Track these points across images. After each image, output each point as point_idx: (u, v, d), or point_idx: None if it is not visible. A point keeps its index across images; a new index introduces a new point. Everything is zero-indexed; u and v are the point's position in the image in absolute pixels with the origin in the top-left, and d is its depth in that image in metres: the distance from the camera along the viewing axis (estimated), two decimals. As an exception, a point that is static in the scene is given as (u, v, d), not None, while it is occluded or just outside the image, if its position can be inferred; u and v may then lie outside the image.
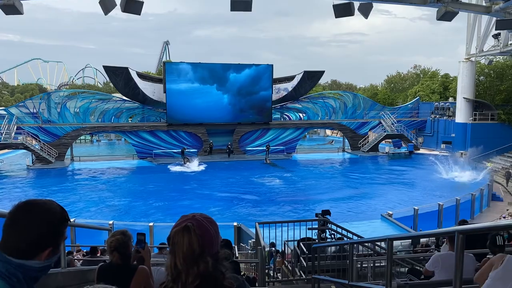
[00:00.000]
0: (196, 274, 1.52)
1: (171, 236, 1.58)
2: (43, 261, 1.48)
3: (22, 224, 1.45)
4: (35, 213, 1.47)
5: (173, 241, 1.56)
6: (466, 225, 4.74)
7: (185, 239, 1.54)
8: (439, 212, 19.41)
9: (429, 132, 46.49)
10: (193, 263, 1.53)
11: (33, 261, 1.45)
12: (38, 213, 1.47)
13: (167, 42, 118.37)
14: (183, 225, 1.57)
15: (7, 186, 28.96)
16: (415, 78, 69.69)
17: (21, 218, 1.46)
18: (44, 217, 1.48)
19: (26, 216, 1.46)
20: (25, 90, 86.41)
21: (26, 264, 1.44)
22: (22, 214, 1.46)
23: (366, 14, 10.95)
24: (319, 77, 44.90)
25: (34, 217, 1.46)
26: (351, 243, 5.97)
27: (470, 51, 40.79)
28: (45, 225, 1.47)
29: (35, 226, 1.45)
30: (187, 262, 1.52)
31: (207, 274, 1.53)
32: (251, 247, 13.59)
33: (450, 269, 4.16)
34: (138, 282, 3.12)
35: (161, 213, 22.36)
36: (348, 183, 30.53)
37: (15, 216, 1.46)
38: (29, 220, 1.45)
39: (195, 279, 1.52)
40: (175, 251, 1.54)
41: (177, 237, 1.55)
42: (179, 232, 1.56)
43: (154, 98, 39.37)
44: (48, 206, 1.51)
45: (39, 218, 1.47)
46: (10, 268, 1.40)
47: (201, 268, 1.53)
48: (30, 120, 37.28)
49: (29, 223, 1.45)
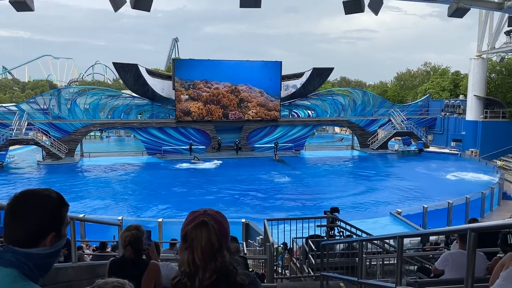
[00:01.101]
0: (213, 269, 1.52)
1: (188, 231, 1.57)
2: (49, 247, 1.49)
3: (21, 214, 1.47)
4: (32, 202, 1.49)
5: (190, 236, 1.55)
6: (478, 223, 4.70)
7: (203, 234, 1.54)
8: (448, 210, 19.26)
9: (439, 130, 46.11)
10: (212, 258, 1.52)
11: (39, 248, 1.47)
12: (35, 202, 1.49)
13: (176, 39, 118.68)
14: (200, 219, 1.57)
15: (18, 182, 29.29)
16: (425, 75, 69.18)
17: (20, 208, 1.48)
18: (41, 204, 1.49)
19: (24, 206, 1.48)
20: (35, 86, 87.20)
21: (33, 252, 1.46)
22: (20, 204, 1.49)
23: (377, 10, 10.86)
24: (328, 74, 44.74)
25: (31, 206, 1.48)
26: (360, 241, 5.95)
27: (481, 48, 40.34)
28: (43, 212, 1.48)
29: (34, 215, 1.47)
30: (206, 257, 1.52)
31: (223, 269, 1.54)
32: (259, 244, 13.60)
33: (460, 267, 4.13)
34: (149, 277, 3.15)
35: (170, 209, 22.47)
36: (357, 181, 30.40)
37: (13, 207, 1.49)
38: (27, 210, 1.47)
39: (212, 275, 1.51)
40: (193, 246, 1.53)
41: (195, 232, 1.55)
42: (197, 227, 1.56)
43: (163, 95, 39.54)
44: (44, 193, 1.53)
45: (36, 206, 1.48)
46: (19, 257, 1.43)
47: (219, 263, 1.53)
48: (41, 116, 37.61)
49: (27, 212, 1.47)
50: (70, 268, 5.08)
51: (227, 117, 40.55)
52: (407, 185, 28.95)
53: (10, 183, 28.86)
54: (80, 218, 8.11)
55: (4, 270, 1.41)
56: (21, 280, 1.40)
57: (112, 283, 2.27)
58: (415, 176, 31.94)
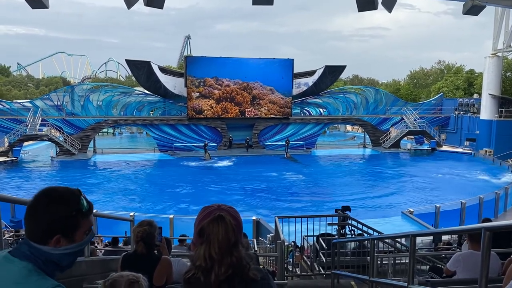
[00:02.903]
0: (229, 264, 1.53)
1: (205, 226, 1.58)
2: (54, 248, 1.49)
3: (38, 209, 1.49)
4: (49, 200, 1.50)
5: (207, 231, 1.56)
6: (493, 222, 4.64)
7: (220, 229, 1.55)
8: (461, 210, 19.02)
9: (453, 129, 45.57)
10: (228, 252, 1.54)
11: (46, 246, 1.49)
12: (52, 201, 1.50)
13: (189, 37, 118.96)
14: (216, 214, 1.58)
15: (32, 177, 29.72)
16: (439, 73, 68.43)
17: (39, 204, 1.50)
18: (56, 205, 1.50)
19: (42, 202, 1.51)
20: (49, 83, 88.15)
21: (42, 249, 1.48)
22: (40, 200, 1.51)
23: (390, 8, 10.74)
24: (340, 71, 44.49)
25: (48, 204, 1.50)
26: (372, 239, 5.92)
27: (497, 46, 39.77)
28: (55, 213, 1.49)
29: (47, 213, 1.49)
30: (223, 252, 1.53)
31: (238, 264, 1.54)
32: (269, 241, 13.61)
33: (472, 268, 4.09)
34: (161, 272, 3.19)
35: (181, 205, 22.59)
36: (369, 180, 30.22)
37: (34, 202, 1.51)
38: (43, 207, 1.49)
39: (228, 269, 1.52)
40: (210, 241, 1.54)
41: (212, 227, 1.56)
42: (214, 222, 1.56)
43: (175, 92, 39.70)
44: (65, 195, 1.53)
45: (51, 206, 1.49)
46: (33, 251, 1.46)
47: (234, 258, 1.54)
48: (54, 112, 38.05)
49: (43, 209, 1.49)
50: (84, 262, 5.14)
51: (244, 114, 40.55)
52: (419, 184, 28.70)
53: (24, 178, 29.28)
54: (93, 213, 8.17)
55: (20, 263, 1.43)
56: (35, 274, 1.42)
57: (127, 277, 2.29)
58: (427, 175, 31.62)
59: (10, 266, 1.43)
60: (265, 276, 1.65)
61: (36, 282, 1.41)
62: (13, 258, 1.45)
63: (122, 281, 2.27)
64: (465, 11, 10.94)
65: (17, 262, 1.43)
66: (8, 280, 1.39)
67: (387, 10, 11.32)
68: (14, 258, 1.45)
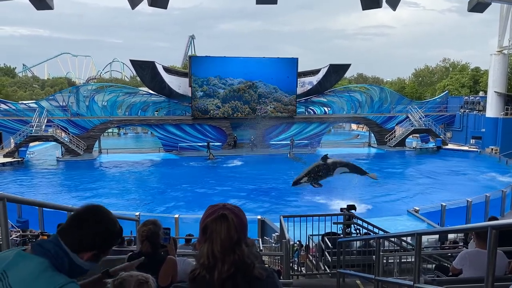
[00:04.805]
0: (232, 262, 1.54)
1: (207, 224, 1.59)
2: (83, 261, 1.66)
3: (87, 223, 1.65)
4: (100, 220, 1.68)
5: (210, 229, 1.58)
6: (499, 220, 4.62)
7: (223, 227, 1.56)
8: (467, 208, 18.91)
9: (458, 127, 45.35)
10: (230, 250, 1.55)
11: (76, 255, 1.64)
12: (102, 221, 1.68)
13: (193, 36, 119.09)
14: (220, 213, 1.59)
15: (38, 177, 29.87)
16: (444, 71, 68.16)
17: (89, 219, 1.67)
18: (106, 227, 1.68)
19: (93, 219, 1.67)
20: (54, 83, 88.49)
21: (70, 255, 1.63)
22: (93, 216, 1.68)
23: (394, 6, 10.69)
24: (345, 70, 44.38)
25: (99, 223, 1.67)
26: (378, 238, 5.90)
27: (502, 43, 39.54)
28: (102, 233, 1.67)
29: (95, 230, 1.65)
30: (225, 249, 1.54)
31: (241, 262, 1.55)
32: (275, 241, 13.61)
33: (478, 266, 4.07)
34: (166, 272, 3.20)
35: (186, 205, 22.61)
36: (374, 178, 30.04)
37: (84, 215, 1.69)
38: (93, 223, 1.66)
39: (231, 267, 1.53)
40: (212, 239, 1.56)
41: (215, 225, 1.57)
42: (217, 220, 1.58)
43: (180, 92, 39.76)
44: (114, 220, 1.73)
45: (102, 226, 1.67)
46: (59, 251, 1.60)
47: (237, 256, 1.55)
48: (60, 113, 38.23)
49: (92, 226, 1.66)
50: (89, 262, 5.16)
51: (255, 111, 40.52)
52: (425, 182, 28.58)
53: (30, 179, 29.44)
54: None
55: (36, 259, 1.56)
56: (50, 270, 1.55)
57: (136, 277, 2.29)
58: (433, 174, 31.48)
59: (26, 261, 1.55)
60: (270, 275, 1.65)
61: (51, 277, 1.52)
62: (30, 255, 1.58)
63: (131, 281, 2.28)
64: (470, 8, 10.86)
65: (34, 258, 1.56)
66: (25, 274, 1.51)
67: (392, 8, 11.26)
68: (32, 254, 1.58)
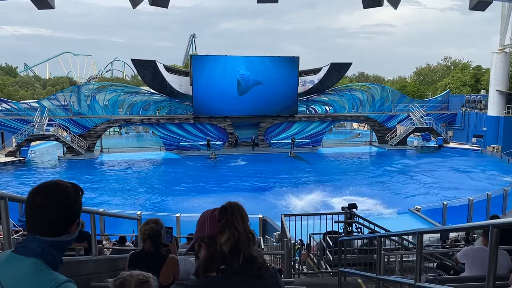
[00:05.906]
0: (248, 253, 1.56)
1: (225, 206, 1.61)
2: (73, 234, 1.58)
3: (44, 205, 1.51)
4: (53, 193, 1.54)
5: (229, 211, 1.59)
6: (501, 219, 4.61)
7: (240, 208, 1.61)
8: (469, 207, 18.90)
9: (460, 125, 45.29)
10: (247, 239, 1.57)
11: (66, 235, 1.55)
12: (57, 192, 1.55)
13: (194, 35, 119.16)
14: (226, 203, 1.63)
15: (40, 177, 29.87)
16: (446, 70, 68.03)
17: (43, 200, 1.52)
18: (63, 194, 1.55)
19: (47, 197, 1.53)
20: (56, 83, 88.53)
21: (63, 240, 1.55)
22: (42, 196, 1.53)
23: (396, 4, 10.67)
24: (346, 69, 44.33)
25: (55, 197, 1.53)
26: (379, 237, 5.90)
27: (504, 41, 39.46)
28: (67, 201, 1.55)
29: (59, 205, 1.52)
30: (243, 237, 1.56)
31: (251, 255, 1.56)
32: (276, 239, 13.61)
33: (481, 264, 4.07)
34: (168, 271, 3.20)
35: (187, 204, 22.61)
36: (375, 177, 30.10)
37: (36, 199, 1.52)
38: (51, 200, 1.52)
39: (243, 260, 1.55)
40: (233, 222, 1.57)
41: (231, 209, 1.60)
42: (232, 205, 1.61)
43: (181, 91, 39.78)
44: (61, 184, 1.59)
45: (59, 197, 1.54)
46: (45, 246, 1.49)
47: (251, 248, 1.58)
48: (61, 112, 38.29)
49: (52, 203, 1.51)
50: (91, 261, 5.18)
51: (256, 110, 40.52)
52: (426, 181, 28.56)
53: (32, 178, 29.47)
54: (100, 212, 8.22)
55: (28, 260, 1.46)
56: (45, 269, 1.46)
57: (137, 276, 2.29)
58: (434, 172, 31.47)
59: (20, 263, 1.46)
60: (273, 273, 1.66)
61: (48, 276, 1.44)
62: (20, 256, 1.48)
63: (132, 280, 2.28)
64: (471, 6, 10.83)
65: (24, 259, 1.46)
66: (20, 276, 1.43)
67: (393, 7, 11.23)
68: (21, 256, 1.48)
